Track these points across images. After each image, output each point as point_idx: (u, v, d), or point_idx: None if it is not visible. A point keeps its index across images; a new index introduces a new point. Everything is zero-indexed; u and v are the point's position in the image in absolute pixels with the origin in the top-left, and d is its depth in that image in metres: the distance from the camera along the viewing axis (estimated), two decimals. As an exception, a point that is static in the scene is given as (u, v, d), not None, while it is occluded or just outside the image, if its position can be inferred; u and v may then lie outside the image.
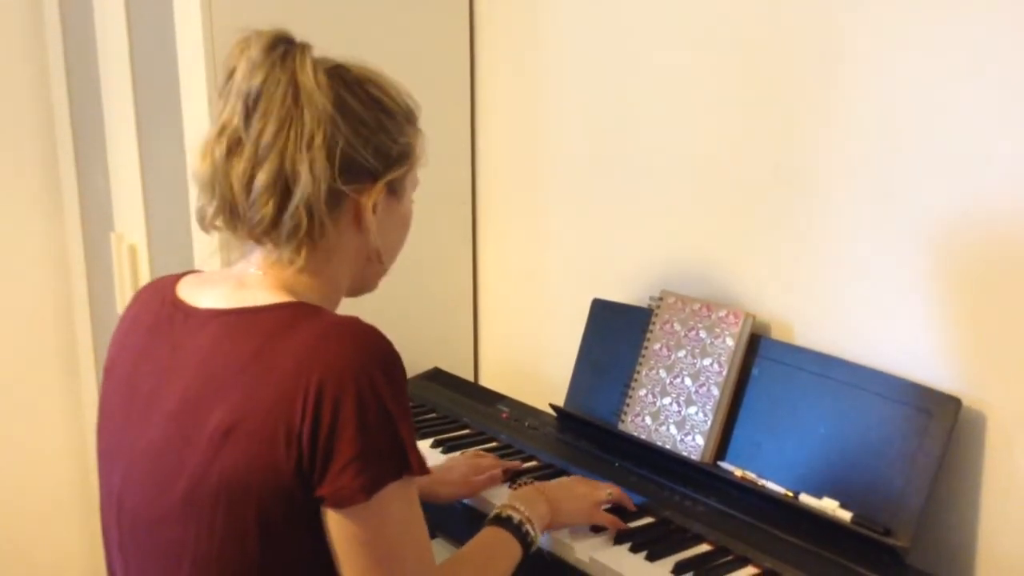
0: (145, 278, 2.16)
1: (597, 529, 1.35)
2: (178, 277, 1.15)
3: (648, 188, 1.76)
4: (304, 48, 1.04)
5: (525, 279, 2.07)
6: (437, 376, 2.04)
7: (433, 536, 1.57)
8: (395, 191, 1.11)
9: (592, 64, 1.84)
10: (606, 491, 1.38)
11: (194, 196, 1.08)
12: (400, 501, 0.99)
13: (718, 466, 1.50)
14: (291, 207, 1.01)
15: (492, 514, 1.23)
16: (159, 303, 1.12)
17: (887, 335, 1.41)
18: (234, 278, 1.08)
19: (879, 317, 1.42)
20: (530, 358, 2.07)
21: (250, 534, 0.97)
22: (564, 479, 1.42)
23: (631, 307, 1.71)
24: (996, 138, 1.26)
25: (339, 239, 1.07)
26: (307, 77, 1.01)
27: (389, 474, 0.97)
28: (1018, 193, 1.24)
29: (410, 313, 2.07)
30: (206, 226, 1.08)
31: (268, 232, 1.03)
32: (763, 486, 1.42)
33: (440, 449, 1.65)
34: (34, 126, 2.53)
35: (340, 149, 1.02)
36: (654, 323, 1.63)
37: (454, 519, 1.50)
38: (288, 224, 1.01)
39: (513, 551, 1.18)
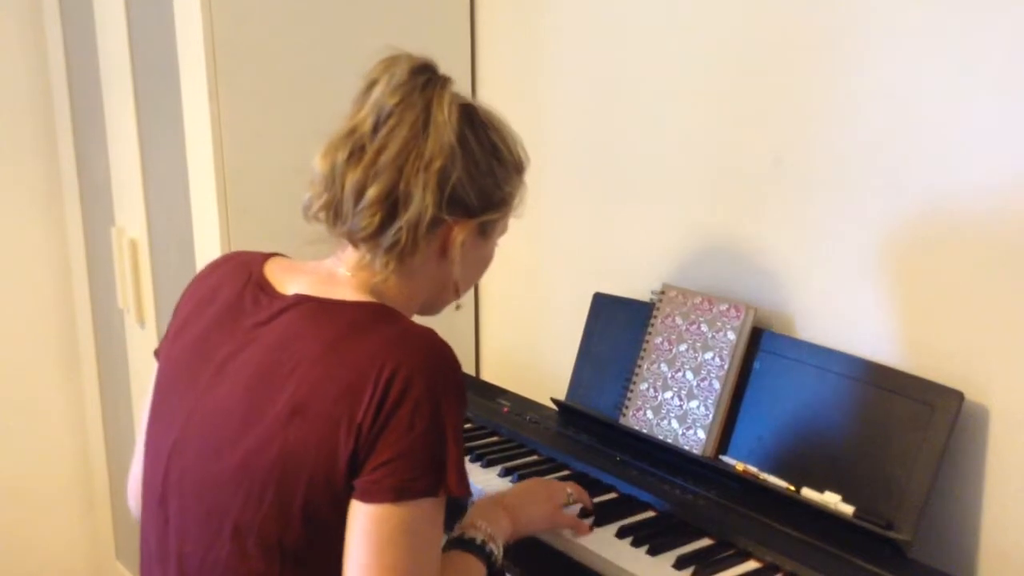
0: (146, 273, 2.16)
1: (599, 523, 1.35)
2: (266, 256, 1.19)
3: (649, 182, 1.76)
4: (446, 82, 1.09)
5: (526, 273, 2.07)
6: (438, 370, 2.04)
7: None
8: (485, 232, 1.16)
9: (592, 57, 1.83)
10: (566, 491, 1.36)
11: (197, 190, 1.08)
12: (424, 518, 1.00)
13: (720, 460, 1.49)
14: (396, 224, 1.06)
15: (454, 534, 1.20)
16: (244, 280, 1.15)
17: (889, 328, 1.40)
18: (324, 271, 1.12)
19: (881, 310, 1.41)
20: (531, 352, 2.07)
21: (294, 512, 1.00)
22: (522, 484, 1.38)
23: (632, 301, 1.70)
24: (1001, 132, 1.25)
25: (424, 262, 1.11)
26: (441, 110, 1.06)
27: (422, 487, 0.99)
28: (1022, 187, 1.24)
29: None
30: (308, 217, 1.12)
31: (367, 240, 1.07)
32: (765, 480, 1.42)
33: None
34: (34, 121, 2.53)
35: (452, 182, 1.07)
36: (655, 317, 1.62)
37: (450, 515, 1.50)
38: (390, 238, 1.06)
39: (478, 572, 1.17)
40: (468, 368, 2.17)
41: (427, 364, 1.00)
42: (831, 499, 1.34)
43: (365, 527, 0.98)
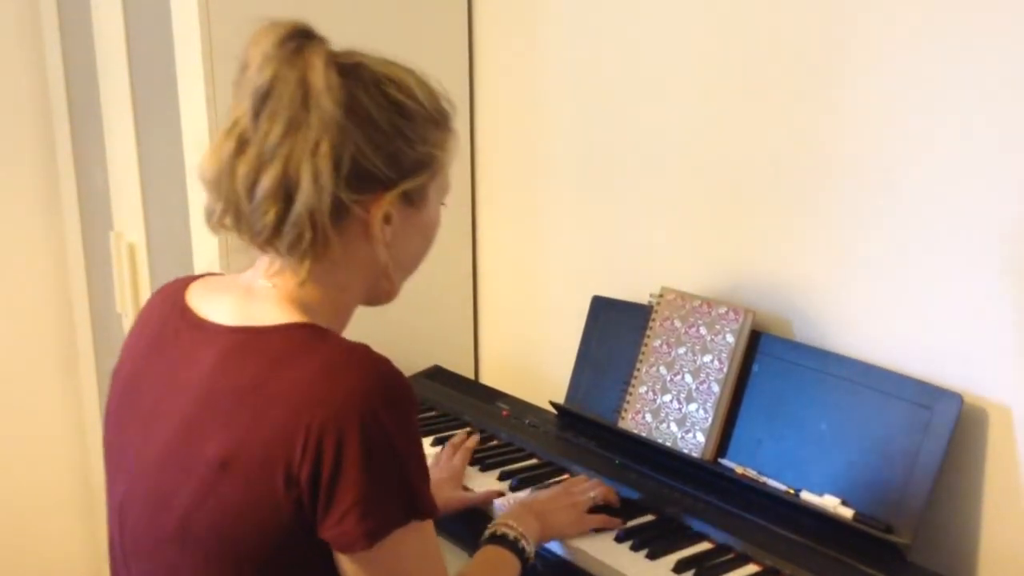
0: (144, 277, 2.16)
1: (598, 528, 1.35)
2: (191, 280, 1.10)
3: (648, 185, 1.75)
4: (319, 43, 0.96)
5: (525, 276, 2.07)
6: (437, 374, 2.04)
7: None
8: (413, 200, 1.02)
9: (591, 61, 1.83)
10: (590, 495, 1.38)
11: (195, 194, 1.05)
12: (411, 543, 0.95)
13: (719, 463, 1.49)
14: (292, 217, 0.94)
15: (487, 533, 1.22)
16: (168, 309, 1.07)
17: (888, 331, 1.40)
18: (243, 287, 1.03)
19: (880, 313, 1.41)
20: (530, 355, 2.07)
21: (247, 568, 0.94)
22: (548, 491, 1.40)
23: (631, 304, 1.70)
24: (998, 135, 1.25)
25: (348, 251, 0.99)
26: (318, 77, 0.94)
27: (394, 521, 0.92)
28: (1017, 190, 1.24)
29: (410, 310, 2.05)
30: (214, 225, 1.01)
31: (271, 241, 0.96)
32: (764, 483, 1.42)
33: (440, 448, 1.65)
34: (33, 125, 2.52)
35: (348, 157, 0.94)
36: (654, 320, 1.62)
37: (454, 519, 1.49)
38: (290, 234, 0.95)
39: (513, 567, 1.18)
40: (467, 372, 2.16)
41: (360, 398, 0.89)
42: (830, 502, 1.34)
43: (356, 573, 0.94)
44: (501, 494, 1.48)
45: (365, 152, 0.96)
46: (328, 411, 0.89)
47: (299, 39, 0.95)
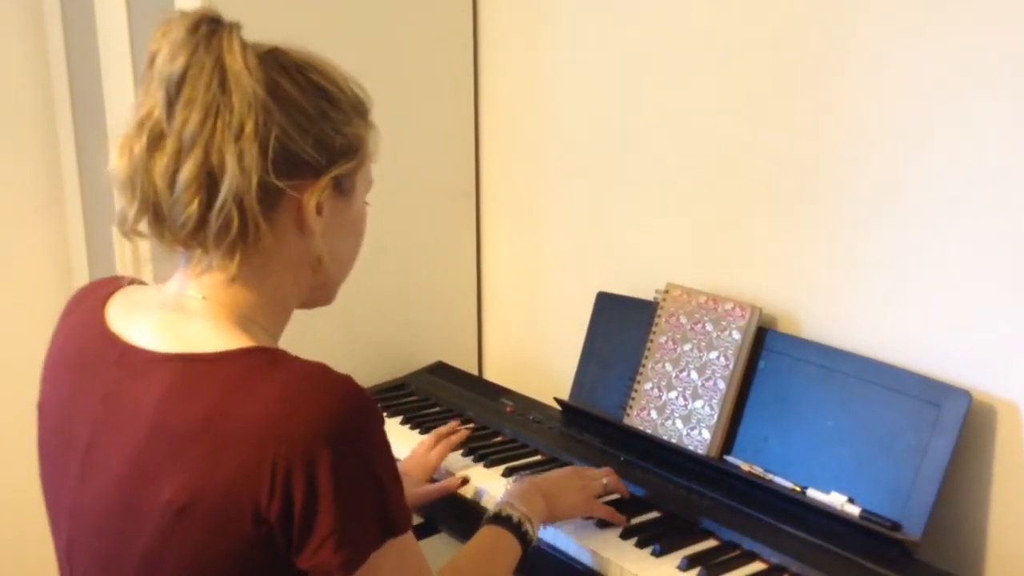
0: (147, 270, 2.15)
1: (604, 524, 1.34)
2: (109, 294, 1.03)
3: (653, 181, 1.75)
4: (232, 28, 0.92)
5: (529, 272, 2.06)
6: (440, 369, 2.03)
7: (435, 531, 1.57)
8: (344, 190, 0.99)
9: (596, 56, 1.82)
10: (601, 481, 1.38)
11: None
12: (391, 560, 0.91)
13: (724, 460, 1.49)
14: (218, 203, 0.88)
15: (491, 513, 1.21)
16: (86, 332, 1.00)
17: (895, 328, 1.39)
18: (170, 303, 0.96)
19: (887, 309, 1.40)
20: (534, 352, 2.06)
21: None
22: (559, 471, 1.40)
23: (636, 300, 1.69)
24: (1002, 131, 1.24)
25: (279, 244, 0.94)
26: (235, 59, 0.89)
27: (370, 545, 0.88)
28: (1018, 185, 1.23)
29: (413, 306, 2.06)
30: (127, 231, 0.94)
31: (195, 234, 0.91)
32: (770, 481, 1.41)
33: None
34: (36, 119, 2.52)
35: (274, 138, 0.90)
36: (659, 316, 1.61)
37: (455, 513, 1.49)
38: (216, 223, 0.89)
39: (513, 550, 1.17)
40: (471, 368, 2.16)
41: (326, 426, 0.85)
42: (837, 500, 1.33)
43: None
44: (466, 480, 1.48)
45: (291, 135, 0.92)
46: (293, 444, 0.84)
47: (211, 24, 0.92)
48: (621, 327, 1.70)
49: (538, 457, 1.60)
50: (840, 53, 1.42)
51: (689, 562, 1.25)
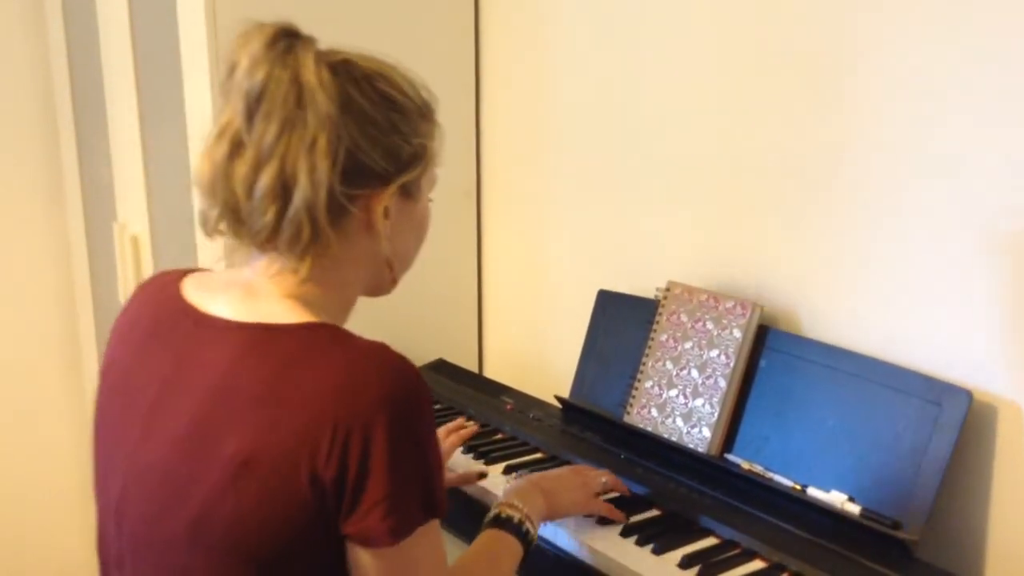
0: (148, 268, 2.15)
1: (604, 522, 1.34)
2: (182, 275, 1.09)
3: (654, 178, 1.75)
4: (308, 43, 0.97)
5: (530, 270, 2.06)
6: (441, 367, 2.03)
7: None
8: (410, 193, 1.05)
9: (597, 55, 1.82)
10: (601, 479, 1.38)
11: (197, 197, 1.03)
12: (427, 544, 0.96)
13: (725, 459, 1.48)
14: (290, 213, 0.94)
15: (491, 515, 1.21)
16: (161, 304, 1.06)
17: (896, 326, 1.39)
18: (242, 285, 1.02)
19: (888, 308, 1.40)
20: (535, 349, 2.06)
21: (263, 567, 0.93)
22: (558, 469, 1.41)
23: (637, 298, 1.69)
24: (1004, 131, 1.24)
25: (348, 247, 1.00)
26: (310, 75, 0.95)
27: (417, 518, 0.94)
28: (1020, 185, 1.23)
29: (414, 304, 2.05)
30: (209, 231, 1.01)
31: (270, 239, 0.97)
32: (770, 479, 1.41)
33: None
34: (36, 116, 2.52)
35: (345, 151, 0.95)
36: (660, 314, 1.61)
37: (457, 511, 1.49)
38: (287, 231, 0.95)
39: (515, 551, 1.18)
40: (471, 366, 2.16)
41: (385, 399, 0.90)
42: (837, 498, 1.33)
43: (371, 570, 0.94)
44: (483, 475, 1.49)
45: (362, 147, 0.97)
46: (353, 411, 0.89)
47: (288, 39, 0.96)
48: (622, 325, 1.70)
49: (538, 455, 1.60)
50: (843, 53, 1.42)
51: (689, 560, 1.24)
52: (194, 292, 1.05)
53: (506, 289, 2.15)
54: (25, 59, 2.48)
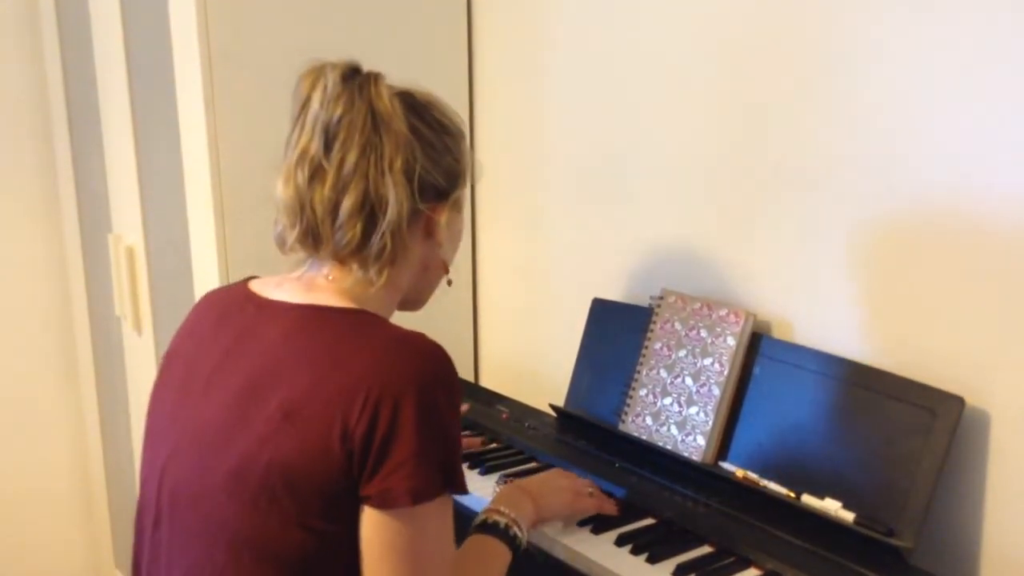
0: (143, 279, 2.15)
1: (598, 530, 1.34)
2: (247, 279, 1.21)
3: (648, 187, 1.75)
4: (378, 77, 1.09)
5: (525, 278, 2.06)
6: (437, 376, 2.03)
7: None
8: (458, 206, 1.20)
9: (592, 61, 1.83)
10: (587, 483, 1.40)
11: (194, 196, 1.10)
12: (439, 518, 1.03)
13: (719, 466, 1.49)
14: (379, 230, 1.07)
15: (478, 520, 1.22)
16: (227, 299, 1.18)
17: (890, 333, 1.39)
18: (304, 281, 1.13)
19: (881, 315, 1.41)
20: (530, 358, 2.06)
21: (290, 521, 1.00)
22: (544, 473, 1.43)
23: (631, 306, 1.70)
24: (998, 135, 1.25)
25: (408, 254, 1.14)
26: (384, 105, 1.07)
27: (436, 486, 1.00)
28: (1018, 192, 1.23)
29: (410, 314, 2.05)
30: (286, 250, 1.13)
31: (355, 253, 1.09)
32: (765, 486, 1.41)
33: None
34: (31, 128, 2.52)
35: (418, 172, 1.09)
36: (655, 322, 1.62)
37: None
38: (376, 246, 1.08)
39: (503, 555, 1.19)
40: (466, 374, 2.16)
41: (419, 376, 1.00)
42: (832, 506, 1.33)
43: (386, 537, 1.00)
44: (486, 442, 1.54)
45: (427, 167, 1.11)
46: (387, 381, 0.98)
47: (360, 74, 1.09)
48: (616, 333, 1.70)
49: (533, 464, 1.60)
50: (836, 63, 1.42)
51: (684, 569, 1.25)
52: (258, 285, 1.17)
53: (501, 297, 2.15)
54: (20, 70, 2.49)
